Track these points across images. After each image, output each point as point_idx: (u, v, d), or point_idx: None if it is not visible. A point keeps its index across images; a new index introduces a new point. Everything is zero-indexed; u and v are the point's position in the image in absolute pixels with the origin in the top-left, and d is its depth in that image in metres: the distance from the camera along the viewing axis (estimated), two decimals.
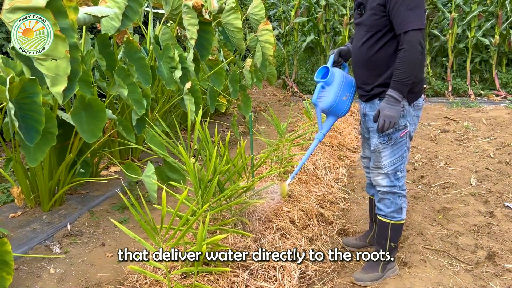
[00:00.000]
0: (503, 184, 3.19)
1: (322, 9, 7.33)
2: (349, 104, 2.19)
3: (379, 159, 2.07)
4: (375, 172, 2.12)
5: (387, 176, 2.07)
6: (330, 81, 2.13)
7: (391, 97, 1.89)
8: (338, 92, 2.12)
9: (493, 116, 5.33)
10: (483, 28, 6.60)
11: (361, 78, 2.10)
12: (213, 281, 1.77)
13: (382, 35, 1.95)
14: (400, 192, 2.09)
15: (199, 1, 3.45)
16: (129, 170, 2.87)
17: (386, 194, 2.10)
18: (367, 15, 1.98)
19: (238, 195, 2.15)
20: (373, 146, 2.09)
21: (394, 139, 2.01)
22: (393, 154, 2.04)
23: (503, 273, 2.14)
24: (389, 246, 2.13)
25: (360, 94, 2.15)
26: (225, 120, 5.60)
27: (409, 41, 1.82)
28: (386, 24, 1.92)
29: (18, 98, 2.15)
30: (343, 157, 4.00)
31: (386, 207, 2.11)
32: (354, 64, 2.14)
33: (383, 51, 1.97)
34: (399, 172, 2.07)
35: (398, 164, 2.05)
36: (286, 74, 7.86)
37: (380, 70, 1.99)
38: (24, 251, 2.33)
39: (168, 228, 1.68)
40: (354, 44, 2.15)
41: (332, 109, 2.15)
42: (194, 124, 2.73)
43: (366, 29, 2.00)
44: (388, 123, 1.91)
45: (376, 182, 2.13)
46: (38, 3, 2.06)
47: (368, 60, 2.02)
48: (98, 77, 3.38)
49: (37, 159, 2.34)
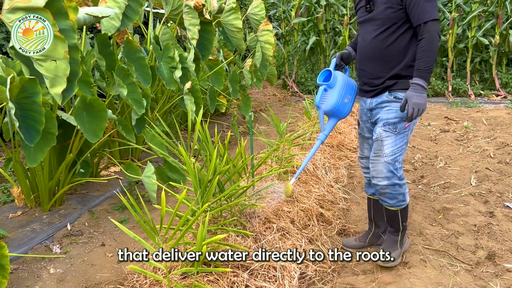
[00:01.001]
0: (503, 184, 3.19)
1: (322, 9, 7.33)
2: (351, 106, 2.27)
3: (380, 147, 2.12)
4: (375, 161, 2.15)
5: (387, 165, 2.11)
6: (333, 84, 2.21)
7: (418, 85, 1.96)
8: (340, 95, 2.20)
9: (493, 116, 5.33)
10: (483, 28, 6.60)
11: (371, 73, 2.15)
12: (213, 281, 1.77)
13: (396, 28, 2.03)
14: (400, 182, 2.15)
15: (200, 1, 3.45)
16: (129, 170, 2.87)
17: (386, 188, 2.15)
18: (379, 10, 2.04)
19: (238, 195, 2.15)
20: (376, 135, 2.14)
21: (399, 129, 2.09)
22: (395, 143, 2.10)
23: (503, 273, 2.14)
24: (402, 226, 2.27)
25: (367, 90, 2.20)
26: (225, 120, 5.60)
27: (429, 30, 1.93)
28: (402, 16, 2.00)
29: (18, 98, 2.15)
30: (343, 157, 4.00)
31: (389, 199, 2.18)
32: (363, 60, 2.19)
33: (397, 44, 2.04)
34: (398, 163, 2.13)
35: (398, 154, 2.11)
36: (286, 74, 7.86)
37: (394, 62, 2.06)
38: (24, 251, 2.33)
39: (167, 228, 1.68)
40: (362, 40, 2.19)
41: (334, 111, 2.23)
42: (194, 124, 2.73)
43: (379, 23, 2.06)
44: (417, 111, 1.96)
45: (375, 172, 2.16)
46: (37, 3, 2.06)
47: (382, 53, 2.08)
48: (98, 77, 3.38)
49: (37, 159, 2.34)
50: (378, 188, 2.18)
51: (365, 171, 2.39)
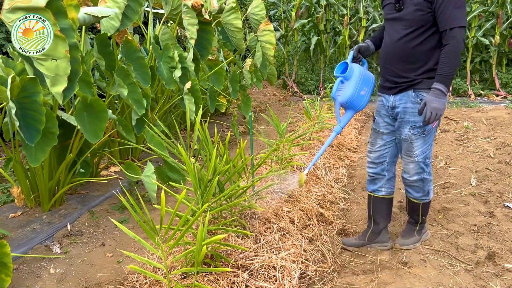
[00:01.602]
0: (503, 184, 3.19)
1: (322, 9, 7.33)
2: (367, 98, 2.29)
3: (411, 148, 2.21)
4: (407, 160, 2.26)
5: (418, 164, 2.21)
6: (349, 76, 2.22)
7: (438, 90, 1.99)
8: (357, 87, 2.22)
9: (493, 116, 5.33)
10: (483, 28, 6.61)
11: (394, 71, 2.18)
12: (213, 281, 1.77)
13: (424, 30, 2.05)
14: (428, 178, 2.27)
15: (199, 1, 3.44)
16: (129, 170, 2.87)
17: (415, 182, 2.26)
18: (409, 11, 2.06)
19: (238, 195, 2.15)
20: (404, 136, 2.21)
21: (428, 130, 2.16)
22: (425, 143, 2.18)
23: (503, 273, 2.14)
24: (421, 219, 2.39)
25: (390, 87, 2.22)
26: (225, 120, 5.60)
27: (454, 37, 1.95)
28: (430, 20, 2.02)
29: (19, 98, 2.15)
30: (343, 157, 4.00)
31: (415, 192, 2.30)
32: (388, 58, 2.21)
33: (423, 46, 2.07)
34: (428, 159, 2.24)
35: (428, 152, 2.22)
36: (286, 74, 7.86)
37: (418, 64, 2.10)
38: (24, 251, 2.33)
39: (167, 228, 1.67)
40: (388, 38, 2.21)
41: (350, 103, 2.25)
42: (194, 124, 2.73)
43: (407, 24, 2.08)
44: (434, 115, 1.99)
45: (406, 169, 2.28)
46: (38, 3, 2.06)
47: (407, 54, 2.11)
48: (97, 77, 3.38)
49: (38, 159, 2.34)
50: (406, 181, 2.30)
51: (370, 165, 2.40)
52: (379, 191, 2.40)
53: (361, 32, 7.28)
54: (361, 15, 7.15)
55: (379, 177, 2.38)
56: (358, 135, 4.87)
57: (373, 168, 2.39)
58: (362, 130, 5.22)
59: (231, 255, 1.95)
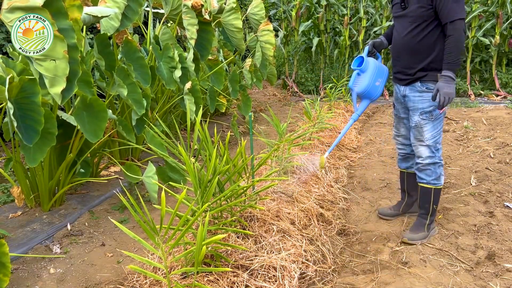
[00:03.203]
0: (503, 184, 3.19)
1: (323, 9, 7.33)
2: (381, 89, 2.54)
3: (421, 133, 2.39)
4: (417, 144, 2.42)
5: (429, 147, 2.38)
6: (365, 69, 2.48)
7: (447, 76, 2.18)
8: (372, 78, 2.48)
9: (493, 116, 5.33)
10: (484, 28, 6.60)
11: (404, 64, 2.40)
12: (213, 281, 1.77)
13: (427, 25, 2.26)
14: (439, 162, 2.41)
15: (199, 1, 3.44)
16: (129, 171, 2.86)
17: (427, 166, 2.40)
18: (413, 8, 2.28)
19: (238, 195, 2.15)
20: (414, 123, 2.40)
21: (435, 115, 2.34)
22: (434, 128, 2.36)
23: (503, 273, 2.14)
24: (432, 209, 2.47)
25: (401, 79, 2.45)
26: (225, 120, 5.60)
27: (457, 29, 2.16)
28: (431, 15, 2.23)
29: (17, 98, 2.15)
30: (343, 157, 4.00)
31: (427, 176, 2.42)
32: (397, 52, 2.44)
33: (426, 39, 2.28)
34: (438, 144, 2.40)
35: (438, 137, 2.38)
36: (286, 74, 7.86)
37: (424, 56, 2.31)
38: (24, 251, 2.33)
39: (167, 228, 1.67)
40: (396, 34, 2.44)
41: (366, 93, 2.51)
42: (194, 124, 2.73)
43: (411, 20, 2.30)
44: (447, 99, 2.18)
45: (418, 154, 2.43)
46: (35, 2, 2.05)
47: (413, 48, 2.32)
48: (97, 77, 3.38)
49: (36, 159, 2.33)
50: (419, 166, 2.43)
51: (400, 147, 2.68)
52: (411, 168, 2.68)
53: (361, 32, 7.28)
54: (361, 15, 7.15)
55: (410, 156, 2.66)
56: (358, 135, 4.87)
57: (403, 149, 2.67)
58: (362, 130, 5.23)
59: (231, 255, 1.95)
